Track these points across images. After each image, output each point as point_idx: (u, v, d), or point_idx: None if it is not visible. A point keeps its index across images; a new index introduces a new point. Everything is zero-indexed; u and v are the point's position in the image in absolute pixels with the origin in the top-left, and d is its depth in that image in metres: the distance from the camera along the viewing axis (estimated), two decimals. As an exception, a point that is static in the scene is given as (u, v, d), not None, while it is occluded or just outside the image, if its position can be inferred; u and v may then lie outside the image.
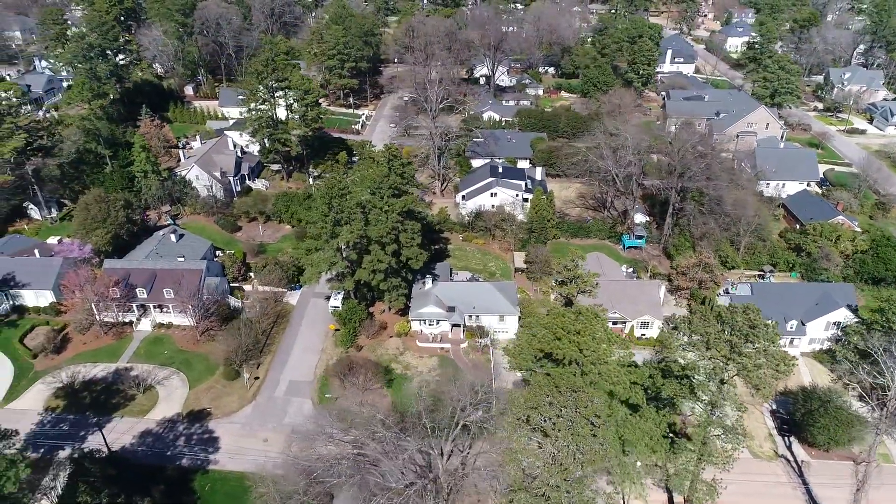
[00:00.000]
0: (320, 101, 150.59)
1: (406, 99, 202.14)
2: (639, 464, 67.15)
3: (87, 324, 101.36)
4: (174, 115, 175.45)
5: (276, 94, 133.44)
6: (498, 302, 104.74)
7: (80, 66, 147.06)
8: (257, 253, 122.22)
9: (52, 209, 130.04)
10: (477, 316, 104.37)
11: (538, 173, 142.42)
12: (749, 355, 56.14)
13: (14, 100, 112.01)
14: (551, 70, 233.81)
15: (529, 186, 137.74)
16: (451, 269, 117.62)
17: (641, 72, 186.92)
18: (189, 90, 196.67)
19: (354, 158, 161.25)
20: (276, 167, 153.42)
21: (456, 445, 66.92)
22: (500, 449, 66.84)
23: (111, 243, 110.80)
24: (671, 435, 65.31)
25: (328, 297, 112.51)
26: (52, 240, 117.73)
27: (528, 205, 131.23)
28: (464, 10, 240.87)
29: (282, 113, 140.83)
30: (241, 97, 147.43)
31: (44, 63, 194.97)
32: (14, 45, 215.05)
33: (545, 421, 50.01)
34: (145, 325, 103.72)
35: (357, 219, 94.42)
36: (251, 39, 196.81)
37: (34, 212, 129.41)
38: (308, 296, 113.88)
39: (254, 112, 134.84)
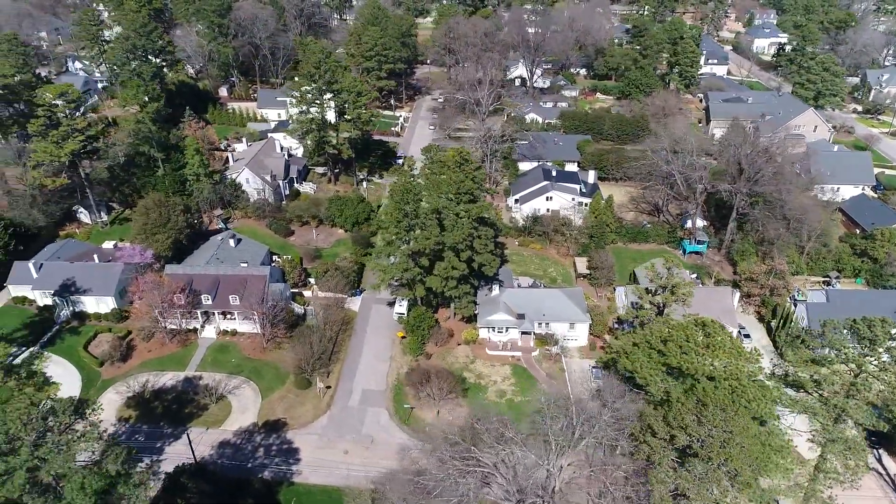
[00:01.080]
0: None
1: (441, 100, 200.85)
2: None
3: (151, 331, 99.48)
4: (212, 117, 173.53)
5: (326, 97, 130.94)
6: (568, 309, 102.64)
7: (124, 67, 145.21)
8: (314, 258, 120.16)
9: (102, 212, 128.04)
10: (547, 323, 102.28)
11: (591, 177, 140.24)
12: (893, 370, 54.08)
13: (71, 102, 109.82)
14: (582, 71, 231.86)
15: (583, 190, 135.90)
16: (512, 275, 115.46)
17: (684, 73, 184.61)
18: (223, 91, 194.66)
19: (399, 161, 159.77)
20: (321, 170, 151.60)
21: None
22: (582, 462, 64.96)
23: (171, 248, 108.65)
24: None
25: (390, 304, 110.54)
26: (108, 244, 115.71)
27: (584, 209, 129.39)
28: (492, 10, 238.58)
29: (328, 114, 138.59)
30: (290, 99, 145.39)
31: (77, 64, 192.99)
32: (44, 46, 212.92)
33: (695, 441, 47.92)
34: (209, 333, 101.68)
35: (432, 225, 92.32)
36: (286, 41, 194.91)
37: (84, 215, 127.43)
38: (369, 302, 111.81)
39: (304, 114, 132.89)
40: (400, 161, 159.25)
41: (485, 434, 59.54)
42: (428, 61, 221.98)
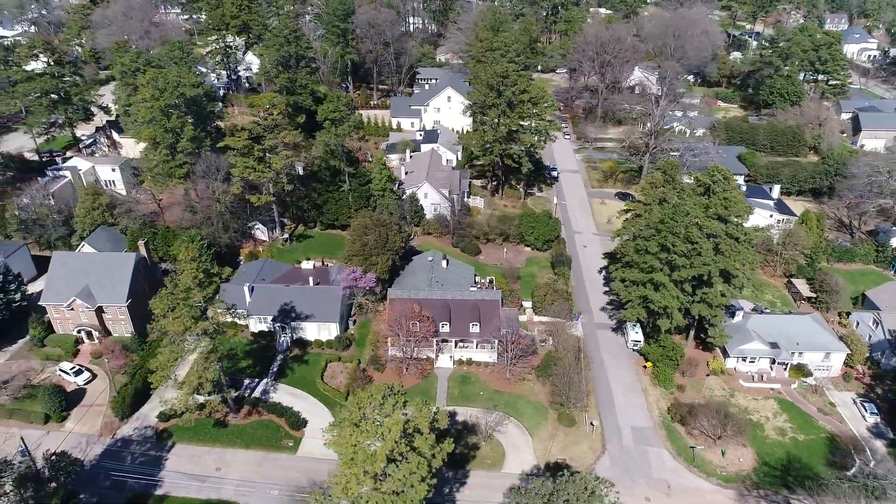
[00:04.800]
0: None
1: (561, 107, 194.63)
2: None
3: (383, 360, 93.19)
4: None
5: (510, 107, 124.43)
6: (821, 337, 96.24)
7: (280, 76, 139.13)
8: (514, 278, 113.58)
9: (277, 229, 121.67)
10: (800, 353, 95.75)
11: (775, 192, 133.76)
12: None
13: (278, 114, 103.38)
14: (689, 78, 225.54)
15: (772, 206, 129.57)
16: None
17: (832, 81, 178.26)
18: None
19: (554, 174, 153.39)
20: (478, 182, 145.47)
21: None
22: None
23: (388, 270, 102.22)
24: None
25: (614, 329, 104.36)
26: (307, 264, 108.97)
27: (783, 226, 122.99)
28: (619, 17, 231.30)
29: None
30: (423, 108, 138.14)
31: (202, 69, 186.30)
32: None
33: None
34: (444, 362, 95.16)
35: (707, 251, 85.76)
36: (409, 47, 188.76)
37: (261, 232, 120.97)
38: (590, 327, 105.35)
39: (483, 125, 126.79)
40: (555, 174, 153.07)
41: None
42: (538, 67, 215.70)
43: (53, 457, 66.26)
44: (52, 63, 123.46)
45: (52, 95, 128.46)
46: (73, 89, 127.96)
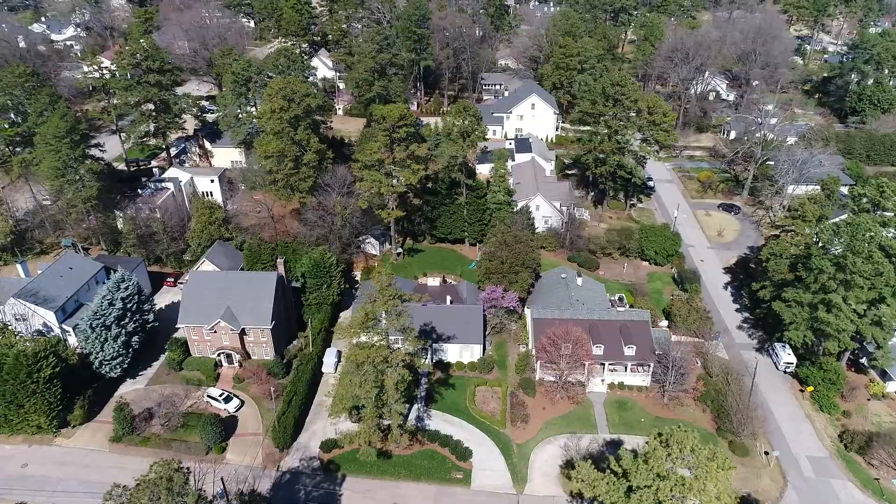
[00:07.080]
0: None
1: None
2: None
3: (534, 385, 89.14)
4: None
5: (627, 117, 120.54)
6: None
7: (374, 85, 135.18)
8: (643, 295, 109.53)
9: (388, 243, 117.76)
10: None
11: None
12: None
13: (410, 126, 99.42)
14: (755, 84, 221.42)
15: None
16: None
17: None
18: (413, 107, 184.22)
19: (651, 184, 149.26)
20: (577, 193, 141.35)
21: None
22: None
23: (528, 290, 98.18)
24: None
25: (758, 349, 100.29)
26: (432, 281, 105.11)
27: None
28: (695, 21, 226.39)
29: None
30: (506, 116, 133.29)
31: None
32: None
33: None
34: (595, 386, 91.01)
35: (889, 271, 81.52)
36: (479, 52, 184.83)
37: (371, 246, 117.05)
38: (731, 347, 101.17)
39: (596, 135, 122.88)
40: (651, 184, 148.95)
41: None
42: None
43: (246, 496, 62.32)
44: (154, 71, 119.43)
45: (150, 105, 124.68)
46: (172, 98, 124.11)
